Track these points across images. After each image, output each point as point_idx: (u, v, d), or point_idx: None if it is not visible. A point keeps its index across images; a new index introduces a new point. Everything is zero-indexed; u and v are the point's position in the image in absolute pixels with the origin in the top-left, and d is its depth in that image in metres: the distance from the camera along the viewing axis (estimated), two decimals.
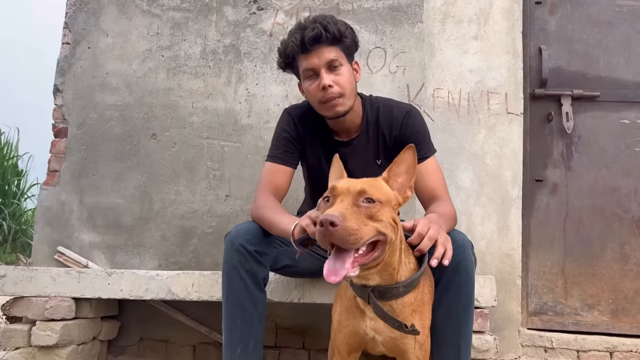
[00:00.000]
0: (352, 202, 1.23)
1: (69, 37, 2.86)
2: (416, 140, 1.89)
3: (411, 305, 1.40)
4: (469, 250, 1.61)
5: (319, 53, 1.78)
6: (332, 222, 1.14)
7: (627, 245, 2.67)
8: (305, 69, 1.82)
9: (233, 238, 1.68)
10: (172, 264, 2.66)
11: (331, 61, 1.79)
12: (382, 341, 1.41)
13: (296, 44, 1.78)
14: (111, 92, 2.80)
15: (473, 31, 2.73)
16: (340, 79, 1.81)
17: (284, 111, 2.04)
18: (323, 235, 1.16)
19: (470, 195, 2.62)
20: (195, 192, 2.72)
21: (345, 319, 1.47)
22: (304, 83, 1.86)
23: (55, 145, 2.79)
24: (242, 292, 1.66)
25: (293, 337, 2.64)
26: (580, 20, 2.82)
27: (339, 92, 1.80)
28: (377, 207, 1.24)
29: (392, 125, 1.93)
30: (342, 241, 1.16)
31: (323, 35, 1.76)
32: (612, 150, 2.73)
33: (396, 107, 1.97)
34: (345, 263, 1.20)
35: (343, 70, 1.82)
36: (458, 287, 1.58)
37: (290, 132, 1.96)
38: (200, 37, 2.81)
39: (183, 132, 2.75)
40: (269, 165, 1.95)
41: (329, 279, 1.18)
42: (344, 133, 1.98)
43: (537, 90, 2.75)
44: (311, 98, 1.87)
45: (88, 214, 2.72)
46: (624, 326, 2.62)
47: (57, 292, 2.23)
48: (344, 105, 1.83)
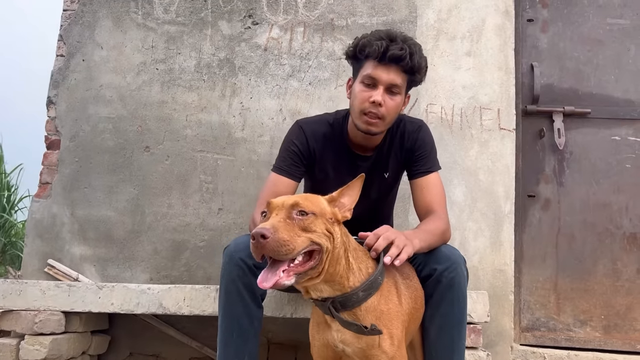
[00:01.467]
0: (286, 215, 1.28)
1: (63, 50, 2.86)
2: (423, 153, 1.93)
3: (374, 311, 1.39)
4: (461, 266, 1.61)
5: (390, 71, 1.76)
6: (262, 234, 1.19)
7: (618, 261, 2.68)
8: (368, 75, 1.78)
9: (232, 252, 1.65)
10: (163, 278, 2.64)
11: (395, 85, 1.78)
12: (352, 353, 1.42)
13: (378, 51, 1.73)
14: (105, 104, 2.80)
15: (466, 48, 2.76)
16: (391, 104, 1.79)
17: (296, 123, 2.01)
18: (255, 248, 1.20)
19: (463, 210, 2.63)
20: (188, 205, 2.70)
21: (317, 332, 1.50)
22: (358, 85, 1.82)
23: (48, 157, 2.77)
24: (239, 307, 1.64)
25: (285, 353, 2.61)
26: (571, 37, 2.86)
27: (382, 115, 1.78)
28: (310, 218, 1.29)
29: (405, 139, 1.95)
30: (274, 252, 1.21)
31: (405, 61, 1.75)
32: (603, 166, 2.76)
33: (409, 121, 2.00)
34: (277, 271, 1.24)
35: (397, 98, 1.81)
36: (451, 303, 1.58)
37: (300, 147, 1.93)
38: (195, 50, 2.82)
39: (176, 145, 2.75)
40: (273, 177, 1.93)
41: (260, 285, 1.23)
42: (361, 148, 1.97)
43: (529, 107, 2.78)
44: (355, 102, 1.83)
45: (79, 227, 2.70)
46: (616, 342, 2.62)
47: (46, 305, 2.20)
48: (379, 128, 1.83)
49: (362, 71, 1.80)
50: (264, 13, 2.82)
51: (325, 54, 2.78)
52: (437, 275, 1.59)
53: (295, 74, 2.77)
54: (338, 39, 2.79)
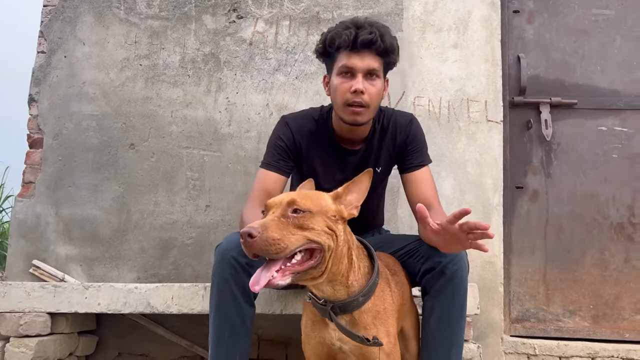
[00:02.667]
0: (281, 213, 1.25)
1: (44, 46, 2.80)
2: (416, 147, 1.93)
3: (370, 312, 1.39)
4: (464, 259, 1.62)
5: (364, 57, 1.74)
6: (249, 233, 1.17)
7: (606, 251, 2.70)
8: (344, 65, 1.76)
9: (224, 250, 1.63)
10: (151, 276, 2.61)
11: (372, 70, 1.76)
12: (349, 350, 1.41)
13: (348, 40, 1.72)
14: (88, 101, 2.75)
15: (452, 40, 2.75)
16: (372, 90, 1.77)
17: (282, 119, 1.99)
18: (245, 247, 1.18)
19: (452, 202, 2.62)
20: (175, 202, 2.67)
21: (311, 330, 1.47)
22: (335, 78, 1.80)
23: (30, 156, 2.72)
24: (231, 306, 1.62)
25: (275, 349, 2.60)
26: (557, 28, 2.86)
27: (366, 102, 1.76)
28: (306, 216, 1.25)
29: (397, 132, 1.94)
30: (263, 251, 1.18)
31: (377, 43, 1.73)
32: (590, 157, 2.77)
33: (400, 115, 2.00)
34: (270, 272, 1.21)
35: (377, 82, 1.79)
36: (452, 295, 1.58)
37: (287, 142, 1.91)
38: (179, 45, 2.78)
39: (162, 141, 2.71)
40: (262, 173, 1.90)
41: (252, 288, 1.20)
42: (348, 142, 1.95)
43: (516, 98, 2.78)
44: (337, 96, 1.80)
45: (64, 226, 2.66)
46: (605, 332, 2.64)
47: (31, 307, 2.16)
48: (365, 116, 1.80)
49: (337, 63, 1.79)
50: (248, 7, 2.79)
51: (312, 48, 2.72)
52: (441, 268, 1.59)
53: (282, 68, 2.74)
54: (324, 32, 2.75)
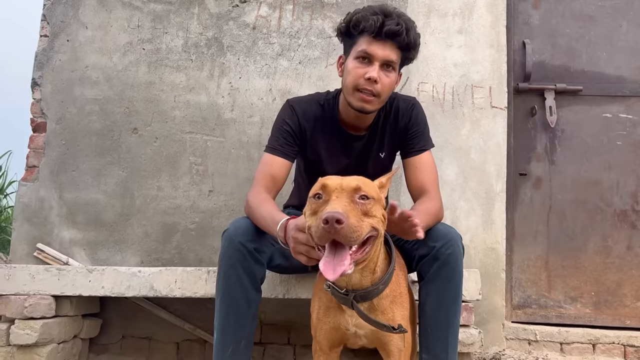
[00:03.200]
0: (349, 199, 1.22)
1: (47, 30, 2.79)
2: (417, 131, 1.92)
3: (388, 297, 1.40)
4: (458, 243, 1.62)
5: (385, 47, 1.73)
6: (338, 219, 1.12)
7: (609, 238, 2.70)
8: (363, 50, 1.74)
9: (232, 235, 1.62)
10: (154, 261, 2.62)
11: (390, 61, 1.75)
12: (364, 334, 1.41)
13: (374, 26, 1.69)
14: (91, 85, 2.74)
15: (457, 25, 2.73)
16: (386, 81, 1.76)
17: (287, 103, 1.97)
18: (327, 233, 1.13)
19: (455, 189, 2.62)
20: (178, 187, 2.68)
21: (325, 315, 1.47)
22: (351, 61, 1.78)
23: (34, 140, 2.72)
24: (237, 292, 1.62)
25: (278, 333, 2.62)
26: (563, 14, 2.83)
27: (377, 92, 1.75)
28: (371, 203, 1.24)
29: (399, 117, 1.94)
30: (346, 238, 1.15)
31: (402, 36, 1.72)
32: (595, 144, 2.75)
33: (402, 99, 1.98)
34: (344, 260, 1.18)
35: (392, 75, 1.79)
36: (447, 279, 1.58)
37: (292, 125, 1.90)
38: (182, 30, 2.77)
39: (165, 126, 2.71)
40: (267, 157, 1.88)
41: (327, 277, 1.16)
42: (353, 128, 1.94)
43: (520, 84, 2.76)
44: (349, 79, 1.78)
45: (68, 210, 2.67)
46: (607, 318, 2.65)
47: (36, 290, 2.18)
48: (373, 106, 1.80)
49: (356, 47, 1.76)
50: None
51: (315, 32, 2.74)
52: (434, 253, 1.59)
53: (285, 53, 2.73)
54: (328, 16, 2.74)
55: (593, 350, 2.53)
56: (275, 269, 1.87)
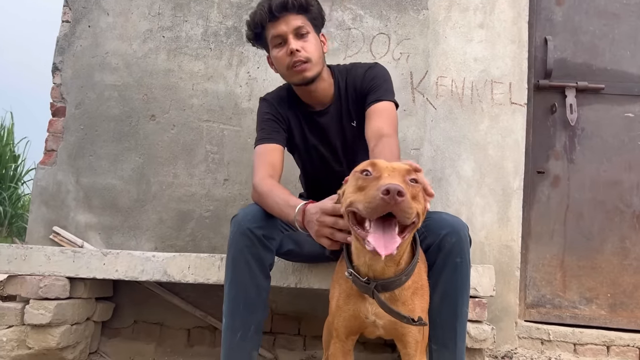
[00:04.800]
0: (403, 179, 1.20)
1: (69, 15, 2.82)
2: (374, 85, 1.91)
3: (410, 288, 1.38)
4: (463, 231, 1.59)
5: (286, 20, 1.82)
6: (400, 191, 1.10)
7: (627, 240, 2.65)
8: (273, 36, 1.84)
9: (240, 221, 1.63)
10: (168, 247, 2.64)
11: (298, 28, 1.83)
12: (382, 325, 1.40)
13: (264, 12, 1.81)
14: (110, 72, 2.76)
15: (479, 19, 2.70)
16: (307, 45, 1.84)
17: (260, 99, 2.06)
18: (385, 204, 1.11)
19: (471, 185, 2.60)
20: (194, 175, 2.69)
21: (345, 303, 1.45)
22: (273, 52, 1.88)
23: (53, 124, 2.75)
24: (246, 278, 1.62)
25: (289, 323, 2.62)
26: (587, 11, 2.79)
27: (305, 57, 1.82)
28: (419, 188, 1.23)
29: (356, 81, 1.95)
30: (403, 213, 1.13)
31: (290, 3, 1.80)
32: (615, 143, 2.71)
33: (360, 65, 2.01)
34: (394, 237, 1.16)
35: (310, 37, 1.86)
36: (454, 269, 1.56)
37: (273, 113, 1.97)
38: (202, 18, 2.77)
39: (182, 114, 2.72)
40: (259, 148, 1.93)
41: (380, 251, 1.13)
42: (318, 104, 1.99)
43: (541, 81, 2.72)
44: (280, 65, 1.88)
45: (84, 195, 2.69)
46: (622, 320, 2.61)
47: (51, 271, 2.20)
48: (312, 70, 1.85)
49: (267, 38, 1.87)
50: None
51: (335, 24, 2.73)
52: (439, 241, 1.57)
53: None
54: (348, 8, 2.73)
55: (607, 352, 2.50)
56: (285, 255, 1.87)
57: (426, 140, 2.63)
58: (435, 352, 1.60)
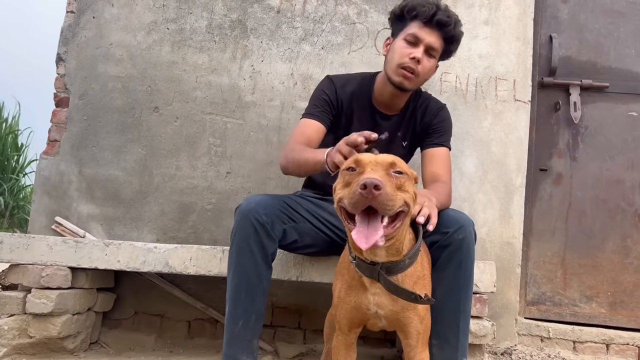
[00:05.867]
0: (385, 171, 1.24)
1: (73, 6, 2.81)
2: (440, 128, 2.06)
3: (412, 277, 1.39)
4: (470, 227, 1.62)
5: (432, 34, 1.89)
6: (376, 185, 1.14)
7: (628, 239, 2.65)
8: (412, 34, 1.89)
9: (245, 210, 1.66)
10: (170, 239, 2.64)
11: (433, 49, 1.92)
12: (384, 315, 1.40)
13: (427, 13, 1.87)
14: (114, 63, 2.76)
15: (484, 16, 2.69)
16: (426, 64, 1.92)
17: (326, 77, 2.11)
18: (364, 199, 1.15)
19: (474, 181, 2.60)
20: (196, 167, 2.69)
21: (347, 295, 1.45)
22: (399, 42, 1.93)
23: (56, 114, 2.75)
24: (249, 265, 1.66)
25: (289, 317, 2.62)
26: (592, 9, 2.78)
27: (418, 72, 1.90)
28: (404, 178, 1.27)
29: (426, 113, 2.07)
30: (382, 205, 1.16)
31: (448, 28, 1.90)
32: (619, 142, 2.71)
33: (433, 100, 2.13)
34: (377, 229, 1.19)
35: (432, 61, 1.95)
36: (459, 265, 1.58)
37: (330, 95, 2.03)
38: (206, 10, 2.77)
39: (186, 106, 2.72)
40: (304, 121, 2.00)
41: (360, 245, 1.17)
42: (385, 107, 2.06)
43: (545, 79, 2.72)
44: (395, 56, 1.92)
45: (87, 185, 2.69)
46: (622, 319, 2.61)
47: (53, 260, 2.20)
48: (411, 84, 1.93)
49: (407, 30, 1.92)
50: None
51: (340, 18, 2.72)
52: (446, 238, 1.59)
53: (308, 38, 2.72)
54: (353, 2, 2.72)
55: (607, 351, 2.50)
56: (289, 247, 1.88)
57: None
58: (436, 346, 1.61)
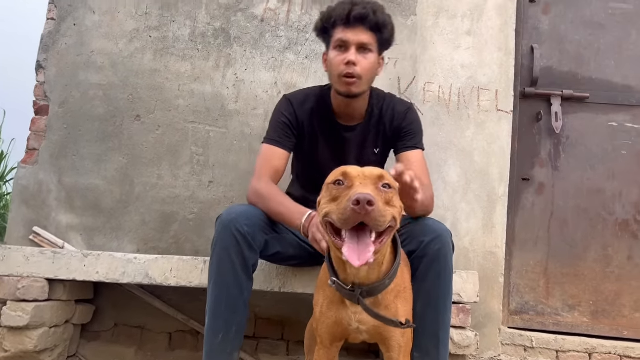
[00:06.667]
0: (374, 186, 1.22)
1: (54, 13, 2.78)
2: (411, 130, 1.99)
3: (393, 292, 1.37)
4: (447, 238, 1.62)
5: (356, 31, 1.83)
6: (370, 201, 1.11)
7: (609, 248, 2.68)
8: (338, 39, 1.84)
9: (226, 220, 1.64)
10: (151, 249, 2.60)
11: (364, 44, 1.84)
12: (366, 330, 1.39)
13: (342, 14, 1.82)
14: (96, 71, 2.73)
15: (466, 26, 2.71)
16: (365, 63, 1.84)
17: (284, 97, 2.05)
18: (356, 215, 1.12)
19: (457, 191, 2.60)
20: (178, 177, 2.66)
21: (328, 309, 1.44)
22: (331, 52, 1.89)
23: (36, 122, 2.71)
24: (230, 277, 1.63)
25: (272, 328, 2.59)
26: (573, 20, 2.82)
27: (358, 74, 1.83)
28: (393, 192, 1.25)
29: (394, 117, 2.00)
30: (375, 222, 1.14)
31: (369, 18, 1.82)
32: (599, 152, 2.74)
33: (399, 102, 2.07)
34: (369, 247, 1.16)
35: (370, 56, 1.87)
36: (437, 275, 1.58)
37: (289, 117, 1.98)
38: (189, 19, 2.75)
39: (168, 115, 2.69)
40: (267, 148, 1.94)
41: (353, 262, 1.14)
42: (347, 118, 2.00)
43: (527, 89, 2.74)
44: (332, 69, 1.89)
45: (66, 195, 2.65)
46: (604, 328, 2.62)
47: (30, 272, 2.16)
48: (358, 87, 1.87)
49: (333, 38, 1.87)
50: None
51: None
52: (423, 247, 1.59)
53: (292, 47, 2.71)
54: None
55: None
56: (271, 258, 1.86)
57: None
58: (417, 359, 1.60)
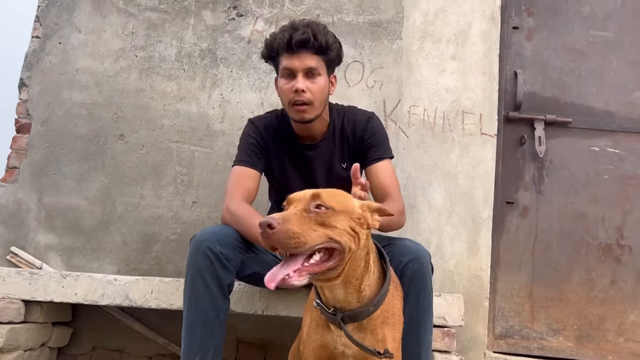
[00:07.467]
0: (304, 207, 1.19)
1: (39, 31, 2.76)
2: (375, 141, 1.97)
3: (379, 318, 1.35)
4: (425, 259, 1.61)
5: (301, 57, 1.81)
6: (269, 224, 1.10)
7: (593, 272, 2.68)
8: (284, 67, 1.83)
9: (199, 241, 1.62)
10: (132, 270, 2.55)
11: (310, 69, 1.82)
12: (351, 354, 1.36)
13: (283, 42, 1.80)
14: (80, 89, 2.71)
15: (451, 51, 2.75)
16: (314, 88, 1.83)
17: (249, 121, 2.05)
18: (263, 238, 1.12)
19: (442, 213, 2.60)
20: (161, 197, 2.62)
21: (314, 332, 1.42)
22: (280, 80, 1.88)
23: (17, 140, 2.67)
24: (205, 298, 1.60)
25: (254, 352, 2.55)
26: (555, 47, 2.87)
27: (308, 99, 1.82)
28: (328, 213, 1.19)
29: (356, 128, 1.99)
30: (282, 244, 1.12)
31: (310, 42, 1.79)
32: (582, 176, 2.76)
33: (360, 112, 2.05)
34: (287, 269, 1.15)
35: (319, 80, 1.85)
36: (417, 296, 1.57)
37: (257, 139, 1.98)
38: (176, 39, 2.76)
39: (152, 134, 2.67)
40: (238, 169, 1.93)
41: (267, 285, 1.13)
42: (309, 137, 2.00)
43: (511, 113, 2.77)
44: (282, 97, 1.89)
45: (46, 214, 2.60)
46: (588, 352, 2.61)
47: (6, 293, 2.10)
48: (310, 113, 1.86)
49: (280, 66, 1.87)
50: (249, 5, 2.77)
51: None
52: (401, 268, 1.58)
53: None
54: None
55: None
56: (249, 278, 1.84)
57: (398, 168, 2.62)
58: None
